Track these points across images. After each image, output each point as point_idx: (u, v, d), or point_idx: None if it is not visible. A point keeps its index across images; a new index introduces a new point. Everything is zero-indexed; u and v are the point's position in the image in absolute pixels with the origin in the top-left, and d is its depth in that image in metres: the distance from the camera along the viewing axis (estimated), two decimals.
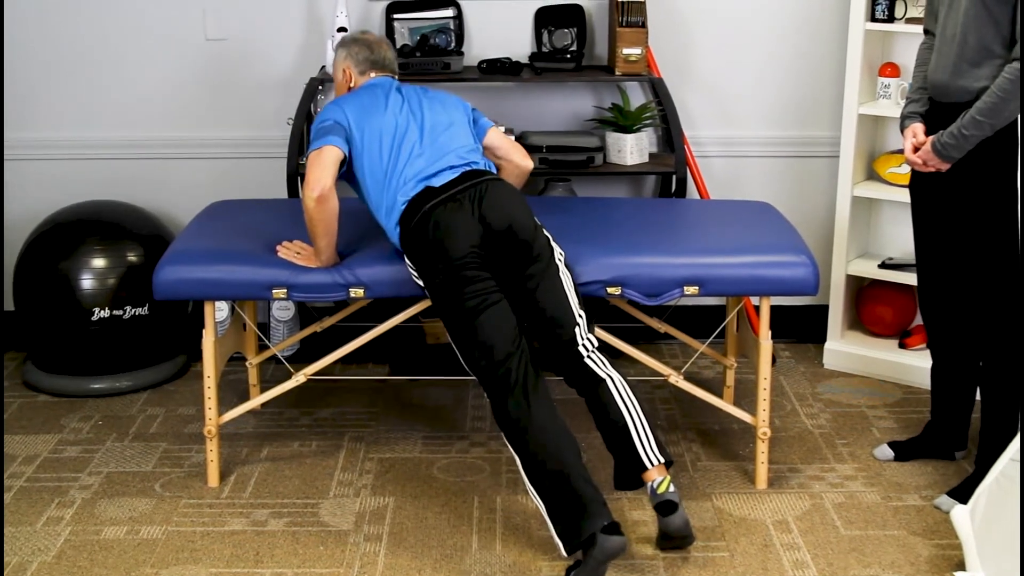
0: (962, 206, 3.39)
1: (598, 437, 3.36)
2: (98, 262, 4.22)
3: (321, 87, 4.29)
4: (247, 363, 4.14)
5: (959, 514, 3.09)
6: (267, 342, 4.08)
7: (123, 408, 4.19)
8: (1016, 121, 3.27)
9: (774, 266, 3.51)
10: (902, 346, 4.43)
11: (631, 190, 4.70)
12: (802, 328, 4.72)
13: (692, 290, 3.48)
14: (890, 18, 4.18)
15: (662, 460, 3.23)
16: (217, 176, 4.59)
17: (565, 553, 3.11)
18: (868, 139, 4.42)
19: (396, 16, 4.41)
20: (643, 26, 4.27)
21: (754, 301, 4.06)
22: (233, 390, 4.26)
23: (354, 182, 3.50)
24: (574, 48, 4.40)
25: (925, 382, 4.03)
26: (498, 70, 4.33)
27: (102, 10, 4.48)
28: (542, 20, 4.45)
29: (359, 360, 4.47)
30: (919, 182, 3.53)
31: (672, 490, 3.21)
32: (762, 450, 3.61)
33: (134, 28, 4.49)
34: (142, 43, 4.51)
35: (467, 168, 3.38)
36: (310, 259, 3.50)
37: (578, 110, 4.58)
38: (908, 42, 4.28)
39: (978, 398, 3.59)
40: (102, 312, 4.21)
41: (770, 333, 3.56)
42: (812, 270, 3.50)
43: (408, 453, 3.86)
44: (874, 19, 4.21)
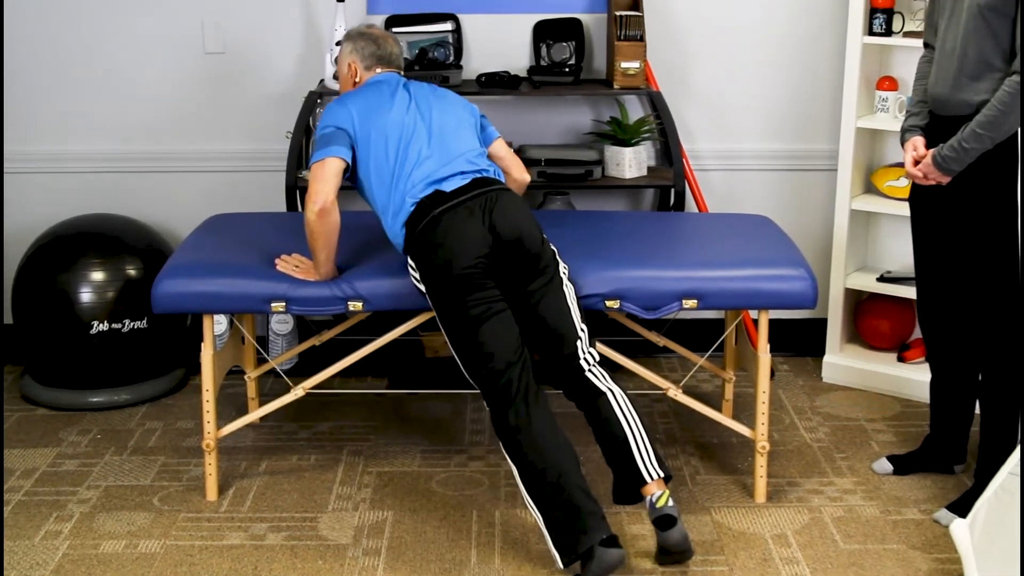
0: (962, 219, 3.39)
1: (597, 451, 3.36)
2: (97, 275, 4.22)
3: (320, 100, 4.29)
4: (246, 377, 4.14)
5: (958, 528, 3.08)
6: (266, 356, 4.08)
7: (121, 422, 4.19)
8: (1016, 134, 3.28)
9: (773, 279, 3.51)
10: (901, 359, 4.42)
11: (629, 203, 4.70)
12: (801, 341, 4.72)
13: (691, 303, 3.48)
14: (888, 32, 4.19)
15: (661, 474, 3.23)
16: (216, 189, 4.59)
17: (562, 566, 3.11)
18: (866, 152, 4.42)
19: (395, 30, 4.41)
20: (641, 40, 4.28)
21: (753, 314, 4.06)
22: (232, 404, 4.25)
23: (359, 183, 3.45)
24: (572, 62, 4.41)
25: (924, 395, 4.03)
26: (496, 84, 4.33)
27: (101, 24, 4.48)
28: (540, 34, 4.45)
29: (358, 373, 4.47)
30: (919, 195, 3.53)
31: (671, 504, 3.20)
32: (761, 464, 3.60)
33: (133, 42, 4.50)
34: (141, 56, 4.51)
35: (478, 175, 3.35)
36: (309, 272, 3.49)
37: (576, 123, 4.58)
38: (906, 56, 4.29)
39: (977, 412, 3.59)
40: (101, 325, 4.21)
41: (769, 346, 3.56)
42: (810, 283, 3.50)
43: (407, 467, 3.85)
44: (872, 33, 4.21)
